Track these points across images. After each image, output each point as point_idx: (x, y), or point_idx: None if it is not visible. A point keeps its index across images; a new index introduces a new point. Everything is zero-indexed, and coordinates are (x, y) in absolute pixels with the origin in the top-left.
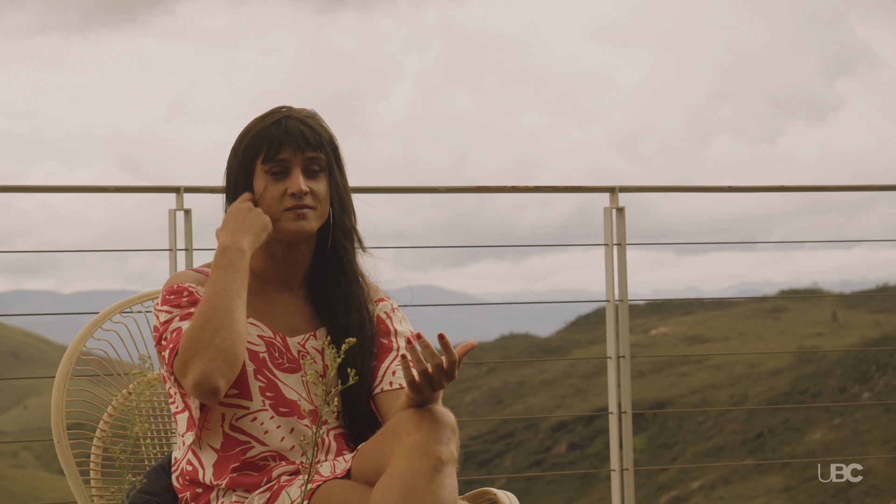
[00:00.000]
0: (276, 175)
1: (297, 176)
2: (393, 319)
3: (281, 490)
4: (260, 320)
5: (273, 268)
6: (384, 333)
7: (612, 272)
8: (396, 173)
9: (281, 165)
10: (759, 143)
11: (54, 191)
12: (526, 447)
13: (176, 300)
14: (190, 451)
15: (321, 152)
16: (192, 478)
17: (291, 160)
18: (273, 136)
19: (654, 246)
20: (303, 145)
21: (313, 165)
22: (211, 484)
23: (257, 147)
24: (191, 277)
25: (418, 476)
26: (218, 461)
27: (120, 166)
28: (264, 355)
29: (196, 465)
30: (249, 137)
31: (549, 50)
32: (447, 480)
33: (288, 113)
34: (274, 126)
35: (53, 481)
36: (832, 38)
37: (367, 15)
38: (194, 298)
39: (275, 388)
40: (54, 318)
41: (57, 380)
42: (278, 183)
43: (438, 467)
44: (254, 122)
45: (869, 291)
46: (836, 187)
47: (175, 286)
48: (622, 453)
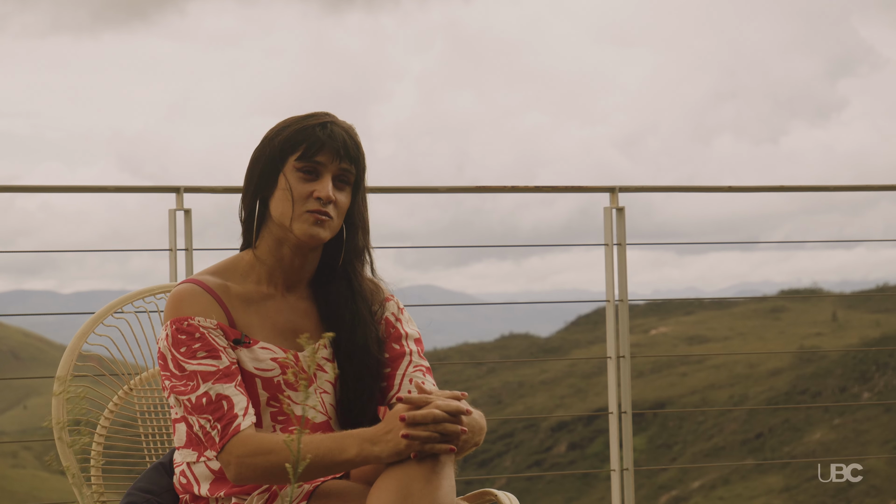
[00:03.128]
0: (307, 175)
1: (328, 182)
2: (402, 322)
3: (279, 490)
4: (270, 337)
5: (280, 271)
6: (395, 338)
7: (612, 272)
8: (398, 173)
9: (315, 167)
10: (761, 143)
11: (55, 191)
12: (526, 447)
13: (188, 343)
14: (186, 465)
15: (355, 167)
16: (187, 490)
17: (327, 165)
18: (316, 137)
19: (654, 246)
20: (342, 154)
21: (343, 177)
22: (206, 496)
23: (297, 143)
24: (197, 305)
25: (415, 476)
26: (215, 481)
27: (122, 167)
28: (279, 379)
29: (191, 479)
30: (290, 132)
31: (552, 50)
32: (444, 481)
33: (333, 119)
34: (319, 127)
35: (53, 481)
36: (835, 38)
37: (372, 14)
38: (209, 344)
39: (286, 412)
40: (54, 318)
41: (57, 378)
42: (307, 183)
43: (436, 467)
44: (293, 119)
45: (869, 291)
46: (838, 187)
47: (185, 323)
48: (622, 453)
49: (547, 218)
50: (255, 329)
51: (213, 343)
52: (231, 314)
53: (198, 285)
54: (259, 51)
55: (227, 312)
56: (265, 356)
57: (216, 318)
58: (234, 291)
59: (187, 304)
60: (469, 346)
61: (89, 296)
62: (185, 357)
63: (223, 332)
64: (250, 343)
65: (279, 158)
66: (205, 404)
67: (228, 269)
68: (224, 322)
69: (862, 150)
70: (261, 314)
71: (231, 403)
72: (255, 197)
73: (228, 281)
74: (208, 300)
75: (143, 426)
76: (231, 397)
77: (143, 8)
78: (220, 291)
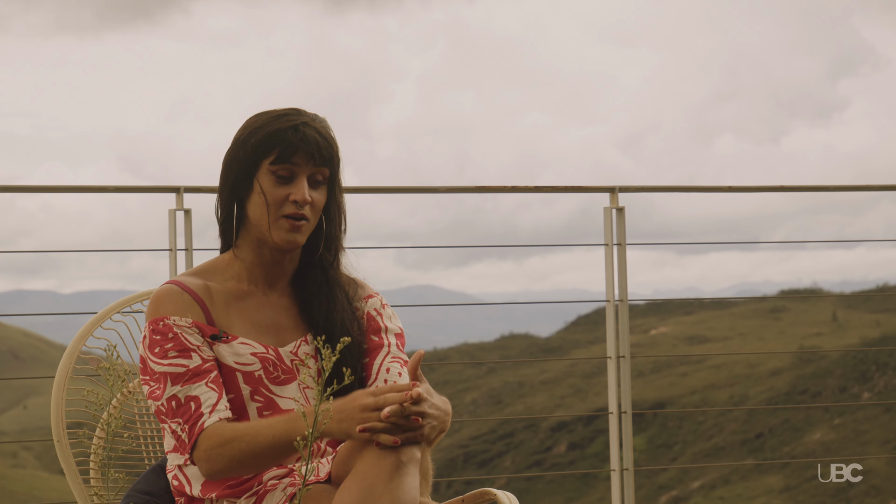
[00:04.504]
0: (281, 178)
1: (303, 185)
2: (383, 316)
3: (266, 494)
4: (251, 333)
5: (261, 269)
6: (374, 331)
7: (612, 272)
8: (399, 173)
9: (289, 170)
10: (762, 143)
11: (54, 191)
12: (526, 447)
13: (161, 343)
14: (177, 468)
15: (330, 166)
16: (180, 491)
17: (302, 168)
18: (289, 141)
19: (655, 246)
20: (316, 157)
21: (318, 176)
22: (199, 497)
23: (270, 147)
24: (173, 304)
25: (377, 475)
26: (207, 482)
27: (123, 167)
28: (259, 373)
29: (183, 481)
30: (263, 135)
31: (553, 50)
32: (406, 479)
33: (305, 119)
34: (291, 130)
35: (53, 481)
36: (836, 38)
37: (375, 14)
38: (180, 343)
39: (272, 405)
40: (54, 318)
41: (57, 379)
42: (282, 187)
43: (398, 466)
44: (266, 118)
45: (869, 291)
46: (838, 187)
47: (161, 323)
48: (622, 453)
49: (548, 218)
50: (235, 326)
51: (185, 343)
52: (210, 312)
53: (177, 286)
54: (260, 51)
55: (205, 311)
56: (245, 351)
57: (193, 317)
58: (214, 290)
59: (164, 305)
60: (469, 346)
61: (89, 296)
62: (157, 358)
63: (199, 329)
64: (229, 339)
65: (252, 162)
66: (175, 408)
67: (209, 269)
68: (202, 321)
69: (863, 150)
70: (241, 311)
71: (198, 403)
72: (231, 199)
73: (210, 281)
74: (186, 300)
75: (141, 428)
76: (199, 396)
77: (147, 8)
78: (200, 291)
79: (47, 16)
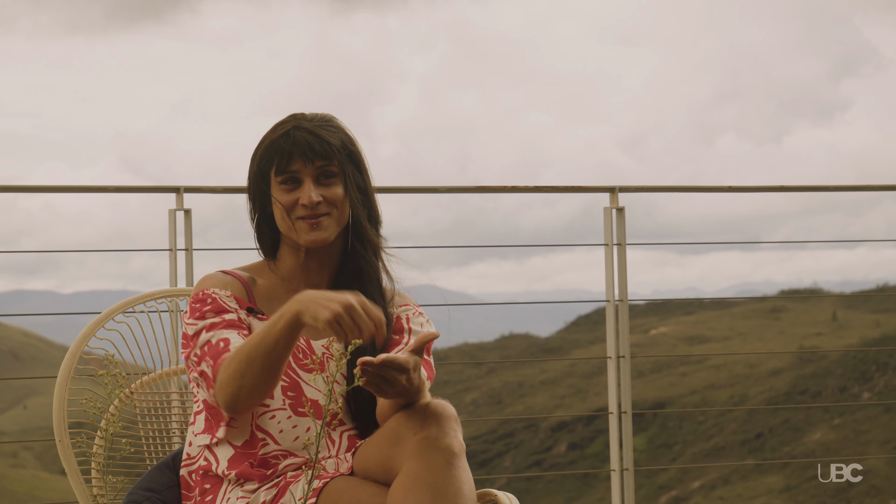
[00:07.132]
0: (288, 185)
1: (308, 187)
2: (410, 319)
3: (287, 486)
4: None
5: (299, 271)
6: (397, 330)
7: (612, 272)
8: (400, 173)
9: (292, 177)
10: (764, 142)
11: (55, 191)
12: (526, 447)
13: (199, 309)
14: (206, 448)
15: (332, 159)
16: (206, 470)
17: (302, 171)
18: (282, 150)
19: (655, 246)
20: (311, 156)
21: (325, 172)
22: (223, 475)
23: (269, 160)
24: (216, 281)
25: (437, 472)
26: (235, 456)
27: (124, 167)
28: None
29: (211, 459)
30: (262, 150)
31: (555, 50)
32: (464, 473)
33: (297, 123)
34: (283, 139)
35: (53, 481)
36: (838, 38)
37: (380, 14)
38: (218, 306)
39: (297, 388)
40: (54, 319)
41: (59, 379)
42: (291, 193)
43: (452, 460)
44: (268, 132)
45: (869, 291)
46: (839, 187)
47: (200, 293)
48: (622, 453)
49: (549, 218)
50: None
51: (223, 305)
52: (252, 294)
53: (221, 271)
54: (262, 51)
55: (248, 292)
56: None
57: (234, 293)
58: (259, 284)
59: (206, 282)
60: (469, 346)
61: (89, 296)
62: (194, 320)
63: (237, 301)
64: (264, 316)
65: (262, 178)
66: (206, 351)
67: (254, 268)
68: (243, 298)
69: (865, 151)
70: (282, 303)
71: (227, 343)
72: (262, 215)
73: (255, 276)
74: (230, 279)
75: (143, 428)
76: (230, 339)
77: (157, 6)
78: (246, 278)
79: (56, 15)
